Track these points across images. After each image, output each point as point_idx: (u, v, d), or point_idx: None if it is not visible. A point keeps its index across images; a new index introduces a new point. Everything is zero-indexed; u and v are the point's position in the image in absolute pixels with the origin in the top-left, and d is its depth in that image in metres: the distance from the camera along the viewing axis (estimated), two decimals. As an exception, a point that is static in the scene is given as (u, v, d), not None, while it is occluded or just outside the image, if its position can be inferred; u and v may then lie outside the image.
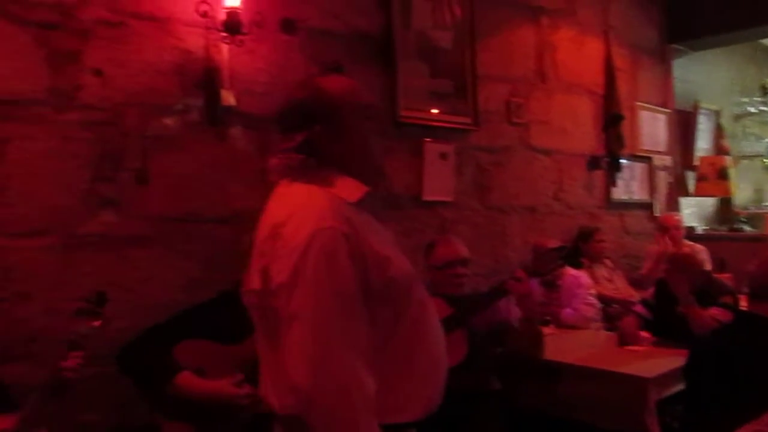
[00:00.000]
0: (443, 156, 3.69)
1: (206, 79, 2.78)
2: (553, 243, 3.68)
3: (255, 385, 2.17)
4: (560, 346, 3.02)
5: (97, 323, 1.92)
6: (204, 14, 2.71)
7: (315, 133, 1.40)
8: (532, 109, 4.28)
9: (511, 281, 2.51)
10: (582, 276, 3.77)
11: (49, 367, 1.84)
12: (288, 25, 3.02)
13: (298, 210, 1.35)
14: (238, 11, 2.73)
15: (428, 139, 3.62)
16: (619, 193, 4.92)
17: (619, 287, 4.29)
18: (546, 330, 3.35)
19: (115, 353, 2.25)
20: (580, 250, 4.28)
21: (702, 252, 4.59)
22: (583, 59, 4.68)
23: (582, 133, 4.65)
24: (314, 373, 1.24)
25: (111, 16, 2.55)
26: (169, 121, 2.70)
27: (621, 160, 4.83)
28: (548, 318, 3.53)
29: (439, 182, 3.67)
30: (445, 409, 1.49)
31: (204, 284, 2.71)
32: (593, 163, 4.70)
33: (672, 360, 2.69)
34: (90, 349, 1.90)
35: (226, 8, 2.72)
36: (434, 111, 3.65)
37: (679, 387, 2.58)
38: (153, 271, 2.64)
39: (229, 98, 2.80)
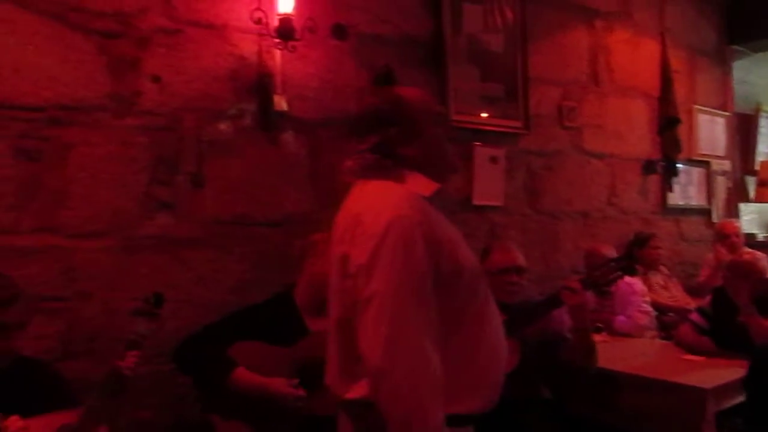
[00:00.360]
0: (493, 160, 3.66)
1: (259, 84, 2.83)
2: (607, 249, 3.61)
3: (307, 389, 2.21)
4: (613, 355, 2.95)
5: (154, 323, 1.97)
6: (258, 21, 2.76)
7: (390, 135, 1.49)
8: (585, 112, 4.21)
9: (566, 292, 2.46)
10: (636, 283, 3.68)
11: (108, 365, 1.89)
12: (339, 31, 3.05)
13: (377, 201, 1.44)
14: (291, 18, 2.77)
15: (478, 143, 3.59)
16: (675, 198, 4.79)
17: (675, 295, 4.18)
18: (598, 338, 3.28)
19: (171, 351, 2.30)
20: (634, 256, 4.18)
21: (763, 259, 4.43)
22: (639, 62, 4.58)
23: (637, 136, 4.55)
24: (387, 351, 1.31)
25: (169, 24, 2.63)
26: (223, 125, 2.76)
27: (677, 165, 4.70)
28: (600, 325, 3.45)
29: (489, 186, 3.64)
30: (496, 417, 1.48)
31: (255, 286, 2.76)
32: (648, 167, 4.58)
33: (731, 371, 2.60)
34: (146, 347, 1.95)
35: (280, 15, 2.77)
36: (484, 115, 3.63)
37: (739, 399, 2.49)
38: (206, 272, 2.70)
39: (281, 103, 2.84)
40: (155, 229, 2.58)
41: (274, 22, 2.78)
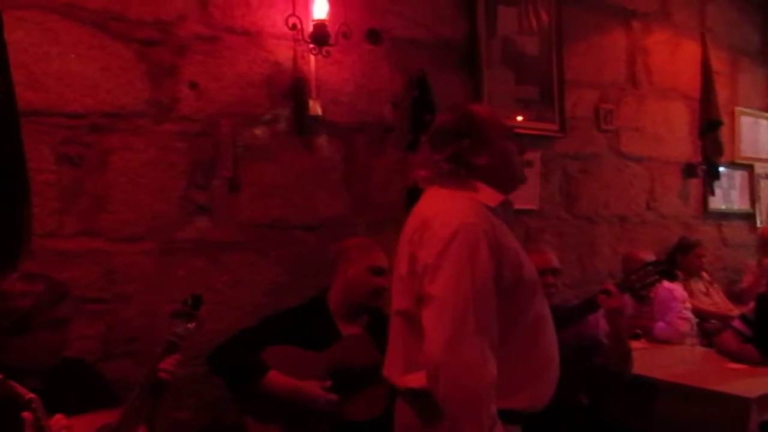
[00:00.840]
0: (528, 163, 3.62)
1: (294, 89, 2.86)
2: (646, 254, 3.54)
3: (340, 394, 2.22)
4: (652, 362, 2.90)
5: (192, 325, 2.00)
6: (293, 27, 2.78)
7: (463, 146, 1.62)
8: (622, 115, 4.14)
9: (602, 296, 2.43)
10: (676, 289, 3.60)
11: (147, 366, 1.92)
12: (373, 36, 3.06)
13: (446, 207, 1.56)
14: (326, 23, 2.79)
15: (513, 147, 3.56)
16: (717, 202, 4.68)
17: (717, 301, 4.09)
18: (637, 344, 3.23)
19: (207, 354, 2.33)
20: (676, 261, 4.10)
21: (810, 265, 4.29)
22: (678, 63, 4.49)
23: (676, 139, 4.46)
24: (447, 348, 1.41)
25: (206, 31, 2.67)
26: (258, 131, 2.79)
27: (719, 168, 4.59)
28: (639, 332, 3.39)
29: (524, 190, 3.56)
30: (534, 423, 1.49)
31: (290, 289, 2.78)
32: (689, 170, 4.49)
33: (776, 380, 2.52)
34: (184, 349, 1.98)
35: (314, 21, 2.79)
36: (519, 118, 3.60)
37: (785, 409, 2.41)
38: (242, 275, 2.73)
39: (316, 108, 2.86)
40: (193, 232, 2.62)
41: (309, 28, 2.80)
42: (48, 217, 2.33)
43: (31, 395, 1.32)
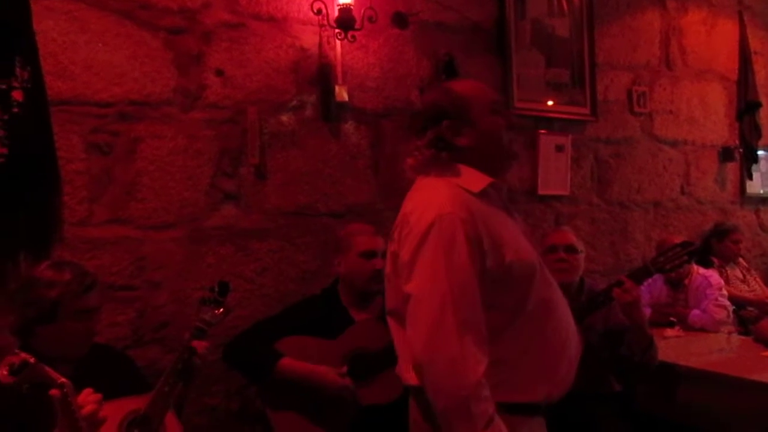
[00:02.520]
0: (559, 148, 3.56)
1: (320, 75, 2.84)
2: (681, 240, 3.46)
3: (358, 379, 2.22)
4: (687, 350, 2.83)
5: (220, 311, 2.01)
6: (318, 11, 2.76)
7: (443, 128, 1.52)
8: (656, 97, 4.03)
9: (616, 289, 2.38)
10: (712, 275, 3.52)
11: (177, 352, 1.94)
12: (400, 19, 3.02)
13: (423, 199, 1.48)
14: (351, 7, 2.76)
15: (543, 131, 3.51)
16: (755, 186, 4.53)
17: (755, 288, 3.98)
18: (671, 332, 3.16)
19: (223, 348, 2.36)
20: (711, 247, 4.00)
21: None
22: (715, 43, 4.35)
23: (713, 122, 4.33)
24: (426, 348, 1.37)
25: (232, 18, 2.66)
26: (285, 117, 2.78)
27: (758, 151, 4.44)
28: (674, 319, 3.32)
29: (554, 175, 3.55)
30: (565, 409, 1.46)
31: (318, 276, 2.78)
32: (726, 154, 4.36)
33: (817, 369, 2.44)
34: (213, 336, 1.99)
35: (340, 5, 2.76)
36: (550, 102, 3.53)
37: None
38: (269, 262, 2.73)
39: (342, 94, 2.84)
40: (221, 220, 2.63)
41: (335, 13, 2.77)
42: (78, 205, 2.36)
43: (64, 380, 1.33)
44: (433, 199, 1.46)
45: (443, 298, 1.37)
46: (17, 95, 2.12)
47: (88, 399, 1.40)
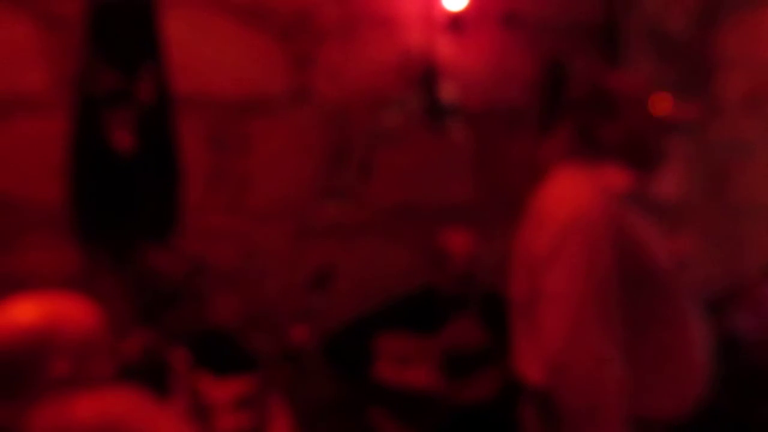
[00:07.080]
0: (672, 150, 3.41)
1: (427, 75, 2.87)
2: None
3: (452, 377, 2.23)
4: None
5: (323, 299, 2.08)
6: (426, 12, 2.79)
7: (590, 119, 1.47)
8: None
9: None
10: None
11: (281, 339, 2.03)
12: (508, 19, 3.00)
13: (564, 194, 1.44)
14: (458, 8, 2.77)
15: (655, 133, 3.37)
16: None
17: None
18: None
19: (323, 345, 2.42)
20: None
21: None
22: None
23: None
24: (567, 348, 1.32)
25: (343, 18, 2.74)
26: (391, 116, 2.83)
27: None
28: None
29: (666, 179, 3.40)
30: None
31: (417, 272, 2.80)
32: None
33: None
34: (315, 326, 2.06)
35: (447, 5, 2.78)
36: (663, 102, 3.40)
37: None
38: (372, 258, 2.79)
39: (447, 93, 2.86)
40: (326, 215, 2.72)
41: (442, 13, 2.79)
42: (196, 197, 2.51)
43: (183, 356, 1.43)
44: (575, 195, 1.42)
45: (584, 297, 1.33)
46: (147, 91, 2.29)
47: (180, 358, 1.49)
